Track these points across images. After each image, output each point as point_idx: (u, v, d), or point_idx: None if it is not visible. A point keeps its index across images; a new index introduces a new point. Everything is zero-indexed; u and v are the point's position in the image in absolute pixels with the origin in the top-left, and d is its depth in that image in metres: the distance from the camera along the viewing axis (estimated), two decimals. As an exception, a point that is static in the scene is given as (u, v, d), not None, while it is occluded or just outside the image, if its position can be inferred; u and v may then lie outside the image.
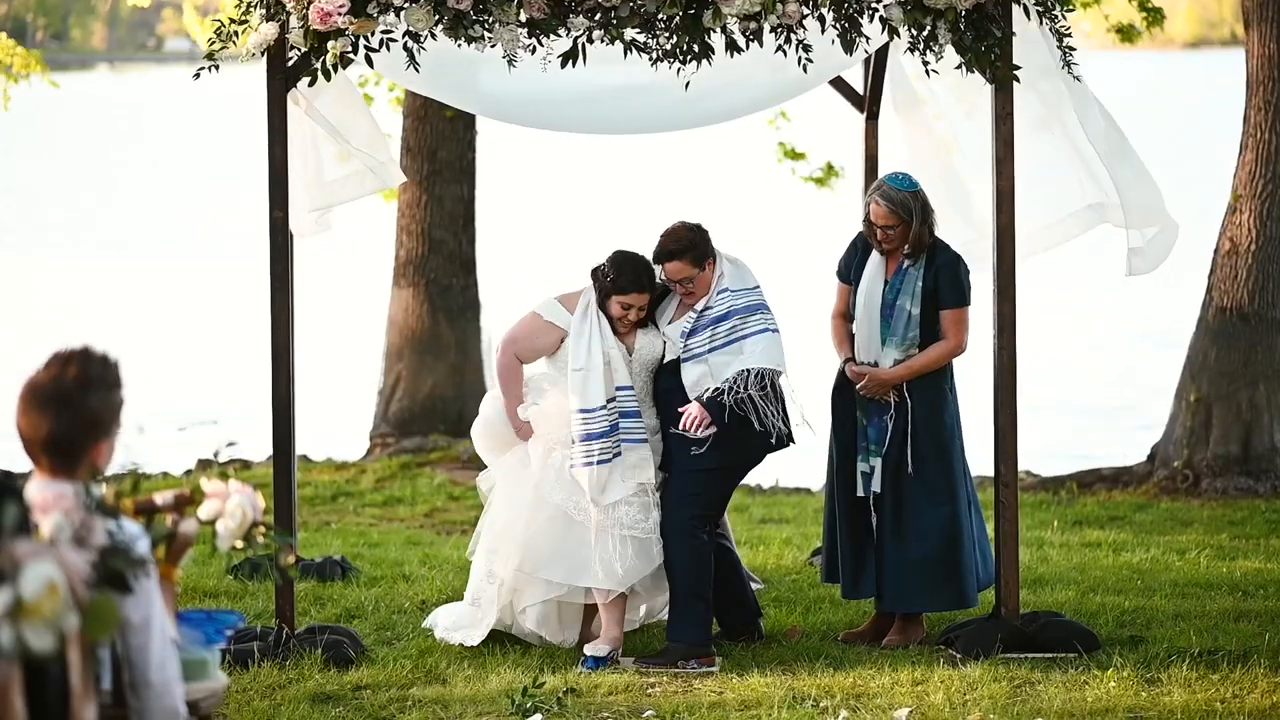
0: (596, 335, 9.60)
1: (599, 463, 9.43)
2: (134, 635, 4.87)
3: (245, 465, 15.67)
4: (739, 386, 9.44)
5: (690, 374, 9.54)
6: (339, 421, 18.31)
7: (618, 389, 9.53)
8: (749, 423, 9.47)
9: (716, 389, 9.44)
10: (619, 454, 9.51)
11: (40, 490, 4.88)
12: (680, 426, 9.48)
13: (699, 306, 9.58)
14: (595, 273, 9.70)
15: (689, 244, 9.56)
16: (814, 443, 10.05)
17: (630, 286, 9.61)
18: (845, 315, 9.97)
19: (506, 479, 9.77)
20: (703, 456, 9.49)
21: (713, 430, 9.43)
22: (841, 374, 9.87)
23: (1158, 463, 14.23)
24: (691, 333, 9.56)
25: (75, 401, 4.86)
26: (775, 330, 9.55)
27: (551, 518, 9.58)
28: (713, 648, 9.53)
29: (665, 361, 9.65)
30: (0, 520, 4.41)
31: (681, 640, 9.49)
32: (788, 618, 10.16)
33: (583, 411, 9.48)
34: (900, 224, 9.72)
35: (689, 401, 9.51)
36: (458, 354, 16.39)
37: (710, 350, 9.52)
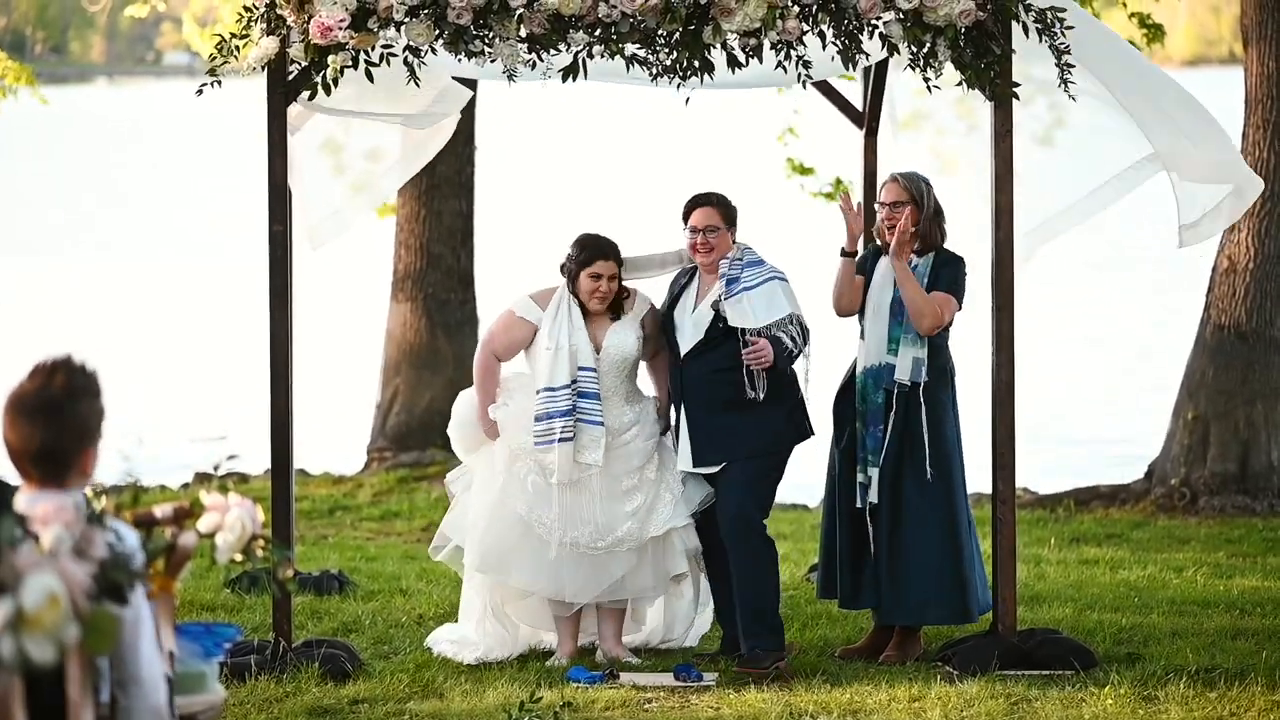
0: (566, 321, 9.71)
1: (561, 440, 9.54)
2: (123, 632, 4.86)
3: (243, 479, 15.66)
4: (790, 327, 9.55)
5: (732, 311, 9.58)
6: (336, 435, 18.29)
7: (579, 369, 9.64)
8: (772, 403, 9.55)
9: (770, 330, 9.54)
10: (574, 435, 9.61)
11: (35, 502, 4.87)
12: (747, 355, 9.52)
13: (729, 256, 9.65)
14: (562, 266, 9.82)
15: (723, 200, 9.76)
16: (810, 457, 10.03)
17: (594, 256, 9.72)
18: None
19: (481, 476, 9.90)
20: (735, 447, 9.53)
21: (767, 363, 9.49)
22: (845, 382, 9.88)
23: (1155, 480, 14.23)
24: (731, 280, 9.62)
25: (65, 411, 4.86)
26: (787, 282, 9.68)
27: (511, 524, 9.71)
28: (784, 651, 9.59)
29: (689, 351, 9.68)
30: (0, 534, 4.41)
31: (760, 649, 9.51)
32: (784, 633, 10.15)
33: (547, 390, 9.60)
34: (910, 202, 9.75)
35: (717, 390, 9.58)
36: (455, 368, 16.36)
37: (748, 289, 9.59)
